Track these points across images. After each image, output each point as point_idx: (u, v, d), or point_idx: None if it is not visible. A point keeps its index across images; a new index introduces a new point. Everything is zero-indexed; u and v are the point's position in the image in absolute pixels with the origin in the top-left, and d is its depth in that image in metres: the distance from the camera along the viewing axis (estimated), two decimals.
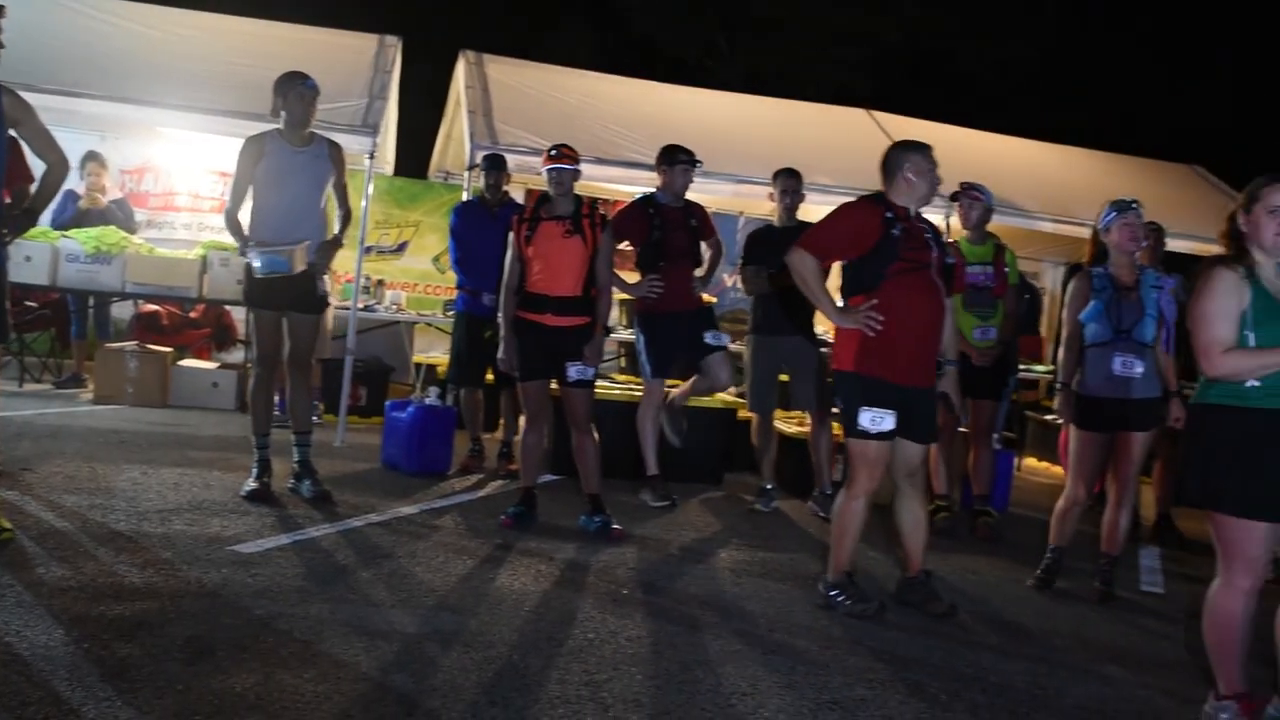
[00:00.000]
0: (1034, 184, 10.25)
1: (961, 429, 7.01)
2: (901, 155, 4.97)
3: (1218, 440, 3.74)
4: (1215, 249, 4.14)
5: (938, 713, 3.80)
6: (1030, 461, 10.34)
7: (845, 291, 4.95)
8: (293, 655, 3.65)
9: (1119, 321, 5.43)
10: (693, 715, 3.53)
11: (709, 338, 6.75)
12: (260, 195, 5.80)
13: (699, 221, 6.93)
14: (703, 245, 7.00)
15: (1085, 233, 9.67)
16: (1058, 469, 8.79)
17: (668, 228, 6.73)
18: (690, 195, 6.97)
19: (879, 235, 4.79)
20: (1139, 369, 5.39)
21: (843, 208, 5.05)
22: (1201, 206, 10.26)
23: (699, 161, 6.88)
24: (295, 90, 5.81)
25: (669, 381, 6.94)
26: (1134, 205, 5.48)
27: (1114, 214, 5.49)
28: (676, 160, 6.75)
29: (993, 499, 7.02)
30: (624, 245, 6.78)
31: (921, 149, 4.98)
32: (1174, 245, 6.82)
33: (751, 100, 11.66)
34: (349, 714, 3.25)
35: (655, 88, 11.24)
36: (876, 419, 4.73)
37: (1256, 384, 3.67)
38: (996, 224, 8.92)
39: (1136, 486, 5.73)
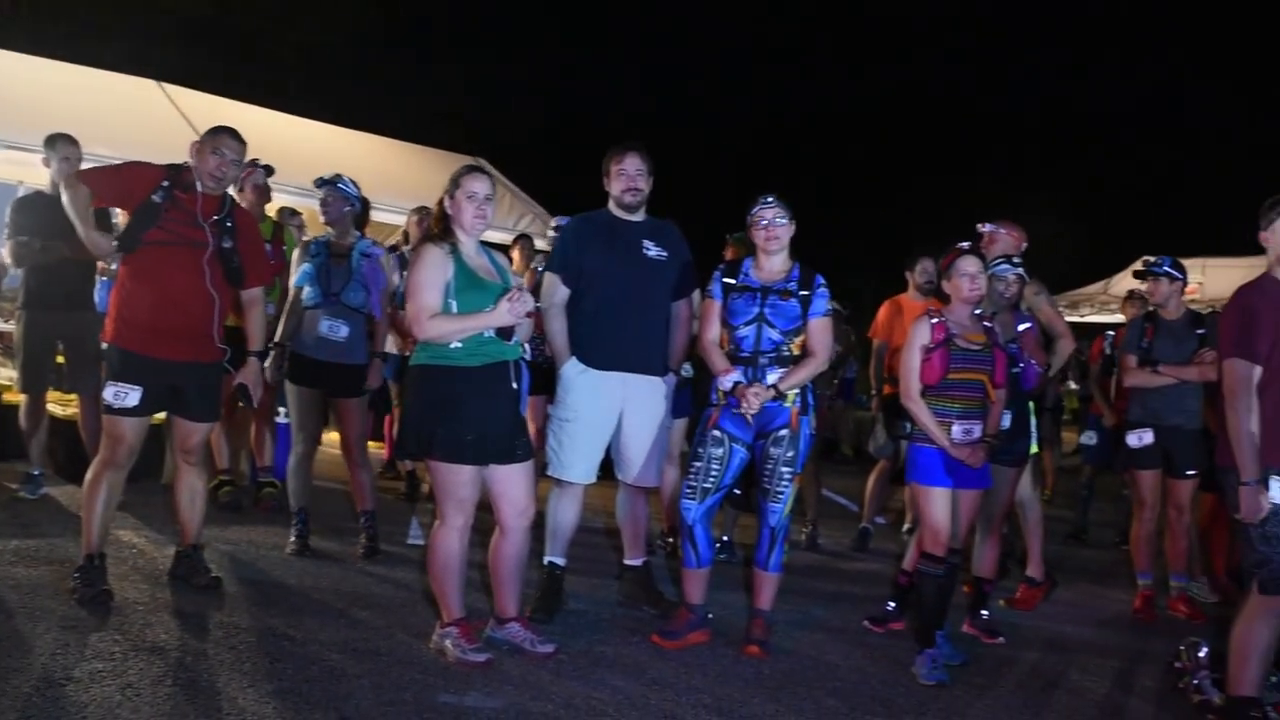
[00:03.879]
0: (331, 166, 10.52)
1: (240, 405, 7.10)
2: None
3: (428, 396, 4.23)
4: None
5: (180, 672, 3.88)
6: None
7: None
8: None
9: (329, 285, 5.88)
10: None
11: None
12: None
13: None
14: None
15: (375, 215, 10.28)
16: (376, 443, 9.21)
17: None
18: None
19: (143, 198, 4.71)
20: (344, 332, 5.88)
21: (136, 162, 4.99)
22: None
23: None
24: None
25: None
26: (331, 181, 6.11)
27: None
28: None
29: (276, 471, 7.19)
30: None
31: (209, 133, 4.97)
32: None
33: (36, 62, 10.72)
34: None
35: None
36: (121, 394, 4.66)
37: (459, 345, 4.20)
38: (299, 205, 9.17)
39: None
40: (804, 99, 24.73)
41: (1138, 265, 6.50)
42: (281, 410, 7.35)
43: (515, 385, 4.30)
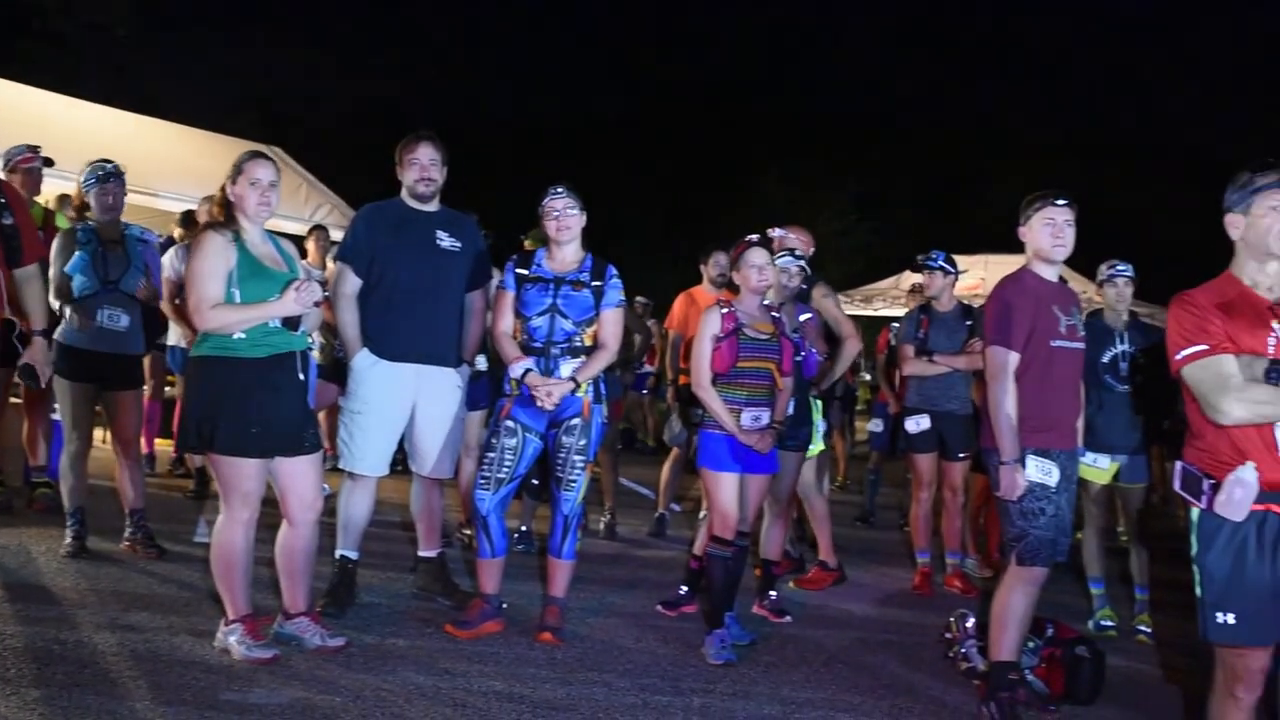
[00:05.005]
0: (116, 153, 10.02)
1: (15, 400, 6.75)
2: None
3: (210, 388, 4.11)
4: None
5: None
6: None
7: None
8: None
9: (106, 273, 5.65)
10: None
11: None
12: None
13: None
14: None
15: (161, 204, 9.89)
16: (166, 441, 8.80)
17: None
18: None
19: None
20: (124, 321, 5.67)
21: None
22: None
23: None
24: None
25: None
26: (119, 174, 5.82)
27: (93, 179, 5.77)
28: None
29: (50, 470, 6.85)
30: None
31: None
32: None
33: None
34: None
35: None
36: None
37: (243, 336, 4.10)
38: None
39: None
40: (604, 96, 24.98)
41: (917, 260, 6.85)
42: (56, 406, 7.00)
43: (302, 376, 4.22)
